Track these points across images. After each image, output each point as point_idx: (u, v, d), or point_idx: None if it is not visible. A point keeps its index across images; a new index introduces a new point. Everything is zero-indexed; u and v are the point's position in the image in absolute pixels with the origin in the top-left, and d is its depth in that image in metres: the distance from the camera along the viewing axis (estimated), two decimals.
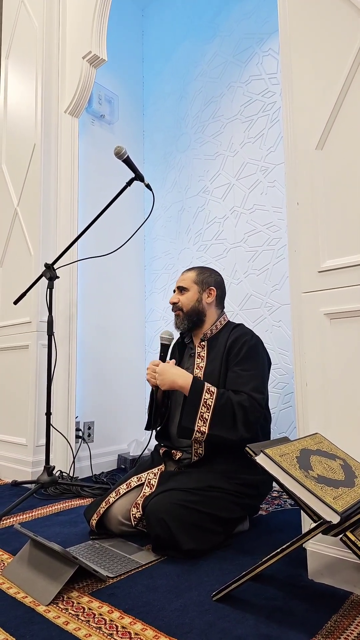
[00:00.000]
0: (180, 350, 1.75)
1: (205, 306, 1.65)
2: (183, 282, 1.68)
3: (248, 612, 0.99)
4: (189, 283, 1.67)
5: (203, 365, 1.59)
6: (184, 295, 1.66)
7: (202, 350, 1.64)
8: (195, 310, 1.64)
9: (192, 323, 1.65)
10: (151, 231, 2.94)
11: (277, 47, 2.31)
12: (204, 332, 1.66)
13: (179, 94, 2.85)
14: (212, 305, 1.67)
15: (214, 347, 1.61)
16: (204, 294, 1.65)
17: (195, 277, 1.67)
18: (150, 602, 1.04)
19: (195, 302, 1.64)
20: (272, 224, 2.28)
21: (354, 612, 0.98)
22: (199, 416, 1.40)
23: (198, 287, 1.66)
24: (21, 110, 2.59)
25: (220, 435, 1.39)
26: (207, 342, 1.65)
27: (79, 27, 2.42)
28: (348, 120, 1.18)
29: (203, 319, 1.65)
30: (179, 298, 1.66)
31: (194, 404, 1.41)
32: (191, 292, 1.65)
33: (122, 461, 2.50)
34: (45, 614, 1.01)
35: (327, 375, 1.15)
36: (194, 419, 1.40)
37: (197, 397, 1.42)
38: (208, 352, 1.62)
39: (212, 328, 1.65)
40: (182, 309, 1.65)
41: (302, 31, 1.27)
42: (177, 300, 1.66)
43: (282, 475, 0.93)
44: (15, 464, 2.28)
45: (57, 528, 1.56)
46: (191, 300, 1.64)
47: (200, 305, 1.64)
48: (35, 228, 2.35)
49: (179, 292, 1.68)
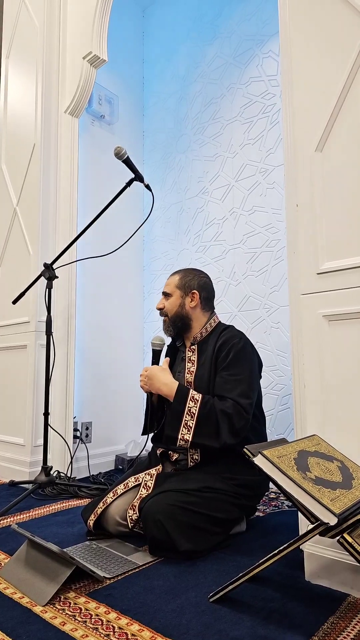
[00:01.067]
0: (173, 354, 1.74)
1: (190, 310, 1.63)
2: (167, 288, 1.67)
3: (245, 613, 0.99)
4: (172, 288, 1.65)
5: (194, 370, 1.59)
6: (168, 301, 1.65)
7: (193, 354, 1.63)
8: (179, 316, 1.62)
9: (178, 328, 1.64)
10: (150, 232, 2.94)
11: (277, 49, 2.31)
12: (194, 335, 1.64)
13: (179, 95, 2.85)
14: (197, 308, 1.64)
15: (204, 351, 1.60)
16: (187, 298, 1.63)
17: (178, 282, 1.65)
18: (147, 603, 1.04)
19: (179, 308, 1.63)
20: (271, 225, 2.28)
21: (350, 613, 0.98)
22: (182, 424, 1.41)
23: (180, 292, 1.64)
24: (21, 110, 2.59)
25: (203, 444, 1.40)
26: (197, 345, 1.63)
27: (79, 28, 2.42)
28: (348, 122, 1.18)
29: (189, 324, 1.63)
30: (164, 304, 1.66)
31: (178, 413, 1.42)
32: (174, 297, 1.64)
33: (119, 462, 2.50)
34: (42, 614, 1.00)
35: (326, 377, 1.15)
36: (177, 427, 1.41)
37: (181, 406, 1.43)
38: (198, 356, 1.61)
39: (201, 331, 1.64)
40: (167, 315, 1.65)
41: (302, 33, 1.28)
42: (163, 305, 1.66)
43: (280, 476, 0.93)
44: (12, 464, 2.27)
45: (54, 528, 1.56)
46: (174, 306, 1.63)
47: (184, 310, 1.62)
48: (35, 228, 2.35)
49: (164, 297, 1.67)
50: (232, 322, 2.37)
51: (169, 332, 1.66)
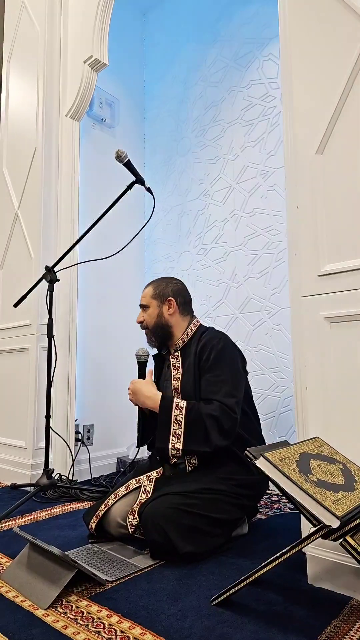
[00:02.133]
0: (159, 362, 1.74)
1: (169, 318, 1.64)
2: (143, 300, 1.68)
3: (247, 616, 0.99)
4: (148, 299, 1.66)
5: (179, 376, 1.59)
6: (146, 313, 1.66)
7: (177, 361, 1.63)
8: (159, 325, 1.63)
9: (160, 338, 1.65)
10: (151, 234, 2.94)
11: (277, 52, 2.32)
12: (176, 342, 1.65)
13: (180, 98, 2.86)
14: (176, 315, 1.65)
15: (187, 356, 1.60)
16: (164, 307, 1.64)
17: (152, 292, 1.66)
18: (149, 607, 1.04)
19: (157, 317, 1.63)
20: (272, 227, 2.29)
21: (353, 617, 0.98)
22: (171, 433, 1.41)
23: (157, 302, 1.65)
24: (22, 113, 2.60)
25: (195, 450, 1.40)
26: (181, 351, 1.64)
27: (80, 32, 2.43)
28: (348, 124, 1.18)
29: (170, 331, 1.64)
30: (143, 316, 1.67)
31: (165, 423, 1.43)
32: (151, 308, 1.65)
33: (121, 464, 2.49)
34: (44, 617, 1.00)
35: (327, 379, 1.15)
36: (167, 437, 1.41)
37: (167, 416, 1.43)
38: (182, 362, 1.61)
39: (182, 337, 1.64)
40: (147, 327, 1.66)
41: (303, 36, 1.28)
42: (142, 318, 1.67)
43: (282, 479, 0.93)
44: (14, 467, 2.27)
45: (56, 531, 1.56)
46: (153, 317, 1.64)
47: (163, 319, 1.63)
48: (36, 231, 2.36)
49: (142, 310, 1.68)
50: (233, 324, 2.37)
51: (152, 343, 1.68)
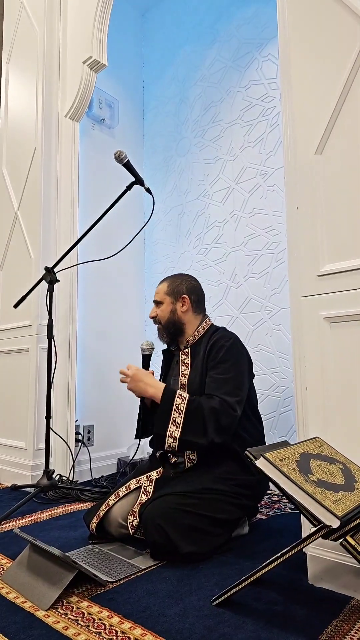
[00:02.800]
0: (168, 358, 1.75)
1: (182, 315, 1.65)
2: (157, 296, 1.68)
3: (248, 616, 0.99)
4: (162, 295, 1.67)
5: (187, 373, 1.60)
6: (160, 309, 1.67)
7: (186, 358, 1.64)
8: (171, 322, 1.64)
9: (172, 335, 1.66)
10: (151, 235, 2.95)
11: (276, 52, 2.32)
12: (187, 339, 1.66)
13: (179, 99, 2.86)
14: (189, 312, 1.66)
15: (197, 354, 1.61)
16: (178, 303, 1.65)
17: (167, 289, 1.67)
18: (149, 607, 1.04)
19: (170, 314, 1.64)
20: (271, 227, 2.29)
21: (354, 616, 0.98)
22: (171, 421, 1.41)
23: (170, 298, 1.66)
24: (22, 114, 2.60)
25: (191, 441, 1.40)
26: (191, 348, 1.65)
27: (79, 32, 2.44)
28: (347, 125, 1.18)
29: (182, 328, 1.65)
30: (157, 312, 1.67)
31: (166, 410, 1.43)
32: (165, 304, 1.66)
33: (121, 465, 2.49)
34: (44, 619, 1.00)
35: (327, 379, 1.15)
36: (166, 424, 1.41)
37: (169, 403, 1.44)
38: (192, 359, 1.62)
39: (194, 334, 1.65)
40: (160, 322, 1.66)
41: (302, 37, 1.28)
42: (155, 314, 1.67)
43: (282, 479, 0.93)
44: (14, 468, 2.27)
45: (56, 532, 1.56)
46: (166, 313, 1.65)
47: (176, 315, 1.64)
48: (36, 232, 2.36)
49: (156, 305, 1.69)
50: (233, 325, 2.37)
51: (163, 339, 1.68)
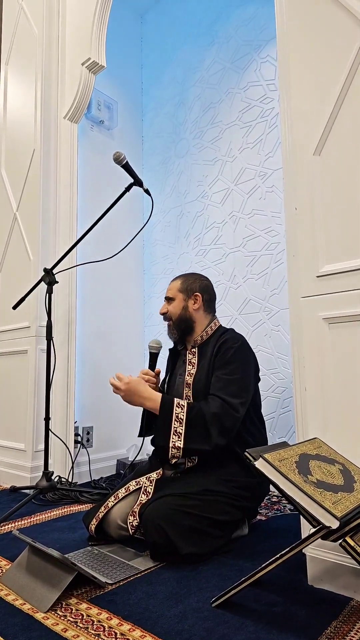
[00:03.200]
0: (174, 357, 1.75)
1: (193, 313, 1.65)
2: (169, 292, 1.68)
3: (248, 618, 0.98)
4: (175, 292, 1.67)
5: (193, 372, 1.60)
6: (171, 305, 1.66)
7: (193, 357, 1.64)
8: (182, 319, 1.64)
9: (182, 332, 1.65)
10: (150, 236, 2.95)
11: (275, 53, 2.33)
12: (195, 338, 1.66)
13: (178, 100, 2.86)
14: (200, 311, 1.66)
15: (204, 354, 1.61)
16: (190, 301, 1.65)
17: (180, 286, 1.67)
18: (149, 609, 1.03)
19: (182, 311, 1.64)
20: (270, 228, 2.29)
21: (354, 617, 0.98)
22: (172, 431, 1.40)
23: (183, 295, 1.66)
24: (21, 115, 2.60)
25: (196, 449, 1.39)
26: (198, 348, 1.65)
27: (78, 34, 2.44)
28: (345, 126, 1.18)
29: (192, 326, 1.65)
30: (168, 308, 1.67)
31: (166, 421, 1.42)
32: (177, 301, 1.66)
33: (121, 466, 2.49)
34: (43, 621, 1.00)
35: (326, 380, 1.15)
36: (167, 435, 1.40)
37: (168, 414, 1.42)
38: (199, 359, 1.62)
39: (202, 334, 1.65)
40: (171, 319, 1.66)
41: (300, 38, 1.28)
42: (166, 310, 1.67)
43: (281, 480, 0.93)
44: (13, 470, 2.27)
45: (55, 534, 1.55)
46: (178, 309, 1.65)
47: (187, 313, 1.64)
48: (35, 233, 2.36)
49: (167, 302, 1.68)
50: (232, 326, 2.37)
51: (173, 335, 1.67)
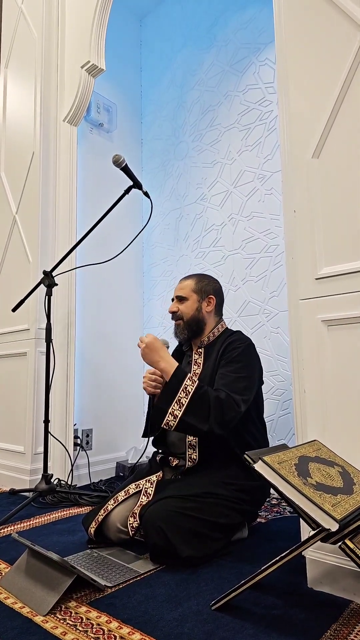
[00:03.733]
0: (179, 357, 1.75)
1: (205, 315, 1.64)
2: (182, 291, 1.66)
3: (247, 621, 0.98)
4: (188, 292, 1.65)
5: (199, 372, 1.60)
6: (183, 305, 1.64)
7: (199, 357, 1.64)
8: (195, 319, 1.63)
9: (192, 332, 1.64)
10: (149, 238, 2.95)
11: (273, 56, 2.33)
12: (202, 339, 1.66)
13: (177, 103, 2.87)
14: (212, 313, 1.66)
15: (211, 354, 1.61)
16: (204, 302, 1.64)
17: (194, 286, 1.66)
18: (148, 612, 1.03)
19: (195, 311, 1.63)
20: (269, 231, 2.29)
21: (353, 620, 0.98)
22: (176, 399, 1.39)
23: (197, 296, 1.64)
24: (20, 118, 2.61)
25: (192, 424, 1.37)
26: (205, 349, 1.65)
27: (77, 37, 2.45)
28: (343, 129, 1.19)
29: (203, 328, 1.64)
30: (179, 307, 1.65)
31: (173, 389, 1.40)
32: (190, 301, 1.64)
33: (120, 469, 2.49)
34: (43, 624, 1.00)
35: (325, 382, 1.16)
36: (170, 400, 1.39)
37: (178, 382, 1.41)
38: (205, 359, 1.62)
39: (209, 335, 1.65)
40: (182, 318, 1.64)
41: (298, 41, 1.29)
42: (177, 309, 1.65)
43: (281, 482, 0.93)
44: (13, 472, 2.27)
45: (55, 537, 1.55)
46: (191, 310, 1.63)
47: (200, 314, 1.63)
48: (34, 235, 2.36)
49: (178, 301, 1.66)
50: (232, 328, 2.37)
51: (183, 335, 1.65)
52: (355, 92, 1.17)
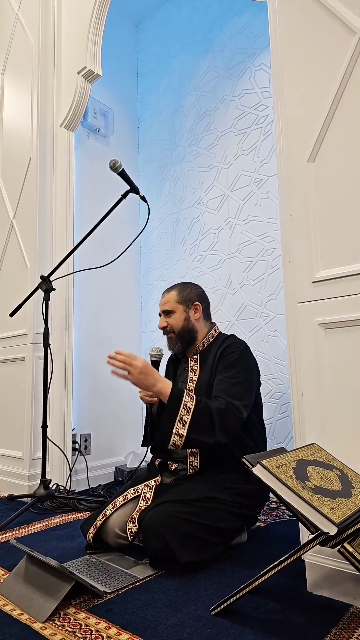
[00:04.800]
0: (174, 365, 1.75)
1: (195, 323, 1.64)
2: (167, 305, 1.65)
3: (247, 626, 0.98)
4: (173, 304, 1.65)
5: (196, 379, 1.60)
6: (171, 318, 1.64)
7: (195, 364, 1.64)
8: (185, 330, 1.62)
9: (185, 343, 1.64)
10: (147, 242, 2.96)
11: (269, 61, 2.35)
12: (197, 346, 1.65)
13: (174, 108, 2.89)
14: (201, 320, 1.66)
15: (206, 360, 1.61)
16: (190, 311, 1.64)
17: (177, 297, 1.65)
18: (148, 618, 1.03)
19: (184, 322, 1.63)
20: (266, 234, 2.30)
21: (353, 624, 0.97)
22: (178, 418, 1.38)
23: (183, 307, 1.64)
24: (17, 124, 2.61)
25: (198, 440, 1.37)
26: (200, 355, 1.65)
27: (74, 43, 2.46)
28: (339, 132, 1.20)
29: (195, 336, 1.64)
30: (167, 321, 1.64)
31: (174, 408, 1.39)
32: (177, 313, 1.63)
33: (119, 473, 2.48)
34: (41, 631, 0.99)
35: (323, 385, 1.16)
36: (173, 421, 1.38)
37: (177, 402, 1.40)
38: (201, 366, 1.62)
39: (203, 341, 1.65)
40: (173, 331, 1.64)
41: (293, 46, 1.30)
42: (166, 323, 1.64)
43: (279, 486, 0.93)
44: (11, 478, 2.26)
45: (53, 543, 1.54)
46: (180, 321, 1.63)
47: (190, 323, 1.63)
48: (31, 240, 2.36)
49: (165, 315, 1.66)
50: (230, 331, 2.38)
51: (176, 347, 1.64)
52: (351, 95, 1.18)
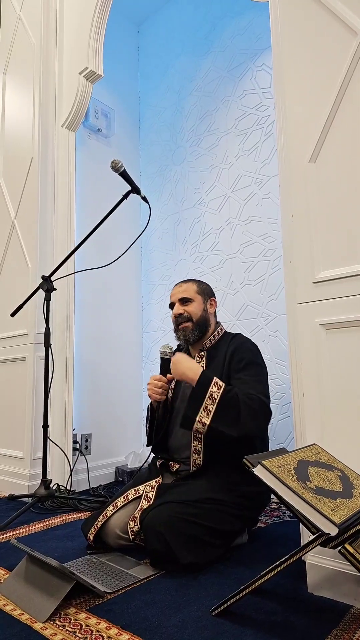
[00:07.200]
0: None
1: (210, 316, 1.67)
2: (186, 293, 1.65)
3: (247, 627, 0.98)
4: (193, 294, 1.66)
5: None
6: (190, 306, 1.64)
7: (202, 361, 1.63)
8: (203, 320, 1.64)
9: (201, 332, 1.64)
10: (148, 243, 2.96)
11: (270, 62, 2.35)
12: (203, 342, 1.66)
13: (175, 108, 2.89)
14: (213, 315, 1.70)
15: (214, 358, 1.61)
16: (207, 304, 1.67)
17: (197, 288, 1.67)
18: (148, 618, 1.03)
19: (203, 312, 1.65)
20: (267, 235, 2.30)
21: (354, 625, 0.97)
22: (202, 407, 1.38)
23: (202, 298, 1.66)
24: (19, 124, 2.62)
25: (221, 430, 1.36)
26: (207, 352, 1.64)
27: (75, 44, 2.46)
28: (340, 133, 1.20)
29: (208, 329, 1.66)
30: (185, 309, 1.64)
31: (199, 397, 1.40)
32: (196, 302, 1.65)
33: (119, 474, 2.48)
34: (42, 631, 0.99)
35: (324, 386, 1.16)
36: (197, 409, 1.39)
37: (203, 390, 1.40)
38: (208, 363, 1.61)
39: (210, 338, 1.66)
40: (191, 319, 1.62)
41: (294, 47, 1.30)
42: (182, 311, 1.64)
43: (280, 487, 0.93)
44: (11, 478, 2.26)
45: (54, 543, 1.54)
46: (199, 310, 1.64)
47: (207, 314, 1.66)
48: (33, 241, 2.36)
49: (182, 303, 1.65)
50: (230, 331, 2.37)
51: (193, 336, 1.62)
52: (352, 96, 1.18)
